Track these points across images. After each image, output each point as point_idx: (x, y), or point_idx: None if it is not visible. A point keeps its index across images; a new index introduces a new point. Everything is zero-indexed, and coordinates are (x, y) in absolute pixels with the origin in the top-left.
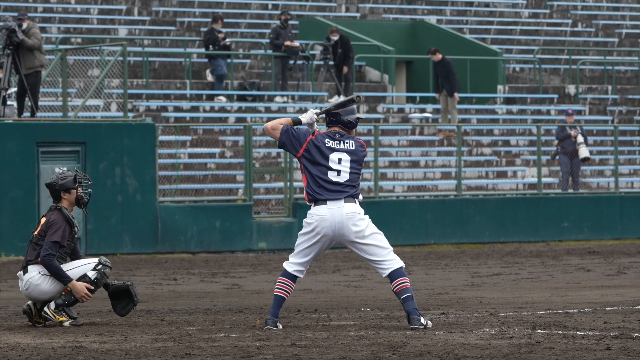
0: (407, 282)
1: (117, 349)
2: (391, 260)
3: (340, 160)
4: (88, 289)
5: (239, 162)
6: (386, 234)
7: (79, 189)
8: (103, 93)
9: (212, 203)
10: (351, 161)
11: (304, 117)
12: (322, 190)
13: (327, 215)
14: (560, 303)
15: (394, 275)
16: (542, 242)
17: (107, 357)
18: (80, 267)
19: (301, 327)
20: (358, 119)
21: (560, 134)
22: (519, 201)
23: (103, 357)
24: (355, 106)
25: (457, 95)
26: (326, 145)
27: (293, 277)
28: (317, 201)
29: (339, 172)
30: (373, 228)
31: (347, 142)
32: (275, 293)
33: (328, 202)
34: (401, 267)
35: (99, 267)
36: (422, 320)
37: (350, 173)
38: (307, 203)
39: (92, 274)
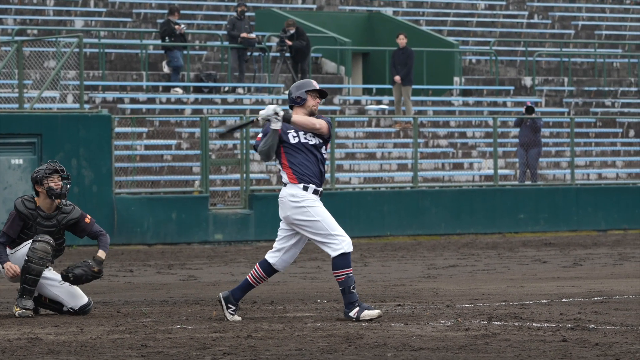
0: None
1: (73, 340)
2: None
3: None
4: (15, 270)
5: (195, 153)
6: (342, 225)
7: (51, 180)
8: (59, 84)
9: (169, 195)
10: None
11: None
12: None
13: None
14: (517, 294)
15: None
16: (498, 234)
17: (63, 349)
18: (25, 247)
19: (257, 319)
20: (307, 92)
21: (517, 122)
22: (475, 193)
23: (59, 349)
24: (307, 82)
25: (398, 78)
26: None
27: None
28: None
29: None
30: None
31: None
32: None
33: None
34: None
35: (31, 244)
36: (353, 313)
37: None
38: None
39: (26, 253)
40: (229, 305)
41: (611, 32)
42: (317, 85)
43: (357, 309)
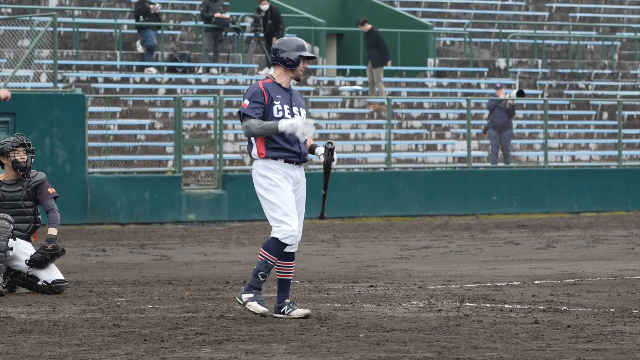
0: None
1: (45, 319)
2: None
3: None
4: None
5: (168, 133)
6: (315, 206)
7: (16, 153)
8: (33, 64)
9: (142, 174)
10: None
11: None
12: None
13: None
14: (489, 276)
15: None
16: (472, 216)
17: (35, 328)
18: None
19: (230, 299)
20: (301, 57)
21: (491, 104)
22: (448, 174)
23: (31, 328)
24: (300, 43)
25: (389, 62)
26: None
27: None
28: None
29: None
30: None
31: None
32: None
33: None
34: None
35: None
36: (244, 296)
37: None
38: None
39: None
40: None
41: (585, 15)
42: (309, 52)
43: (252, 295)
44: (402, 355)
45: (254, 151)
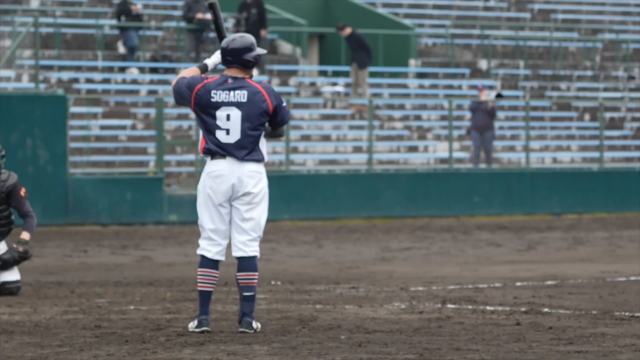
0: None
1: (26, 320)
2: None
3: (228, 116)
4: None
5: (150, 134)
6: (297, 207)
7: None
8: (14, 64)
9: (123, 175)
10: (242, 118)
11: (210, 60)
12: (216, 147)
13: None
14: (471, 278)
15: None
16: (453, 217)
17: (17, 329)
18: None
19: (212, 300)
20: (258, 56)
21: (473, 106)
22: (430, 176)
23: (12, 329)
24: (253, 42)
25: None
26: (212, 100)
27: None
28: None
29: (227, 131)
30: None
31: (238, 93)
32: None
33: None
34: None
35: None
36: (254, 324)
37: (242, 132)
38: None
39: None
40: None
41: (567, 16)
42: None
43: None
44: (384, 356)
45: (263, 154)
